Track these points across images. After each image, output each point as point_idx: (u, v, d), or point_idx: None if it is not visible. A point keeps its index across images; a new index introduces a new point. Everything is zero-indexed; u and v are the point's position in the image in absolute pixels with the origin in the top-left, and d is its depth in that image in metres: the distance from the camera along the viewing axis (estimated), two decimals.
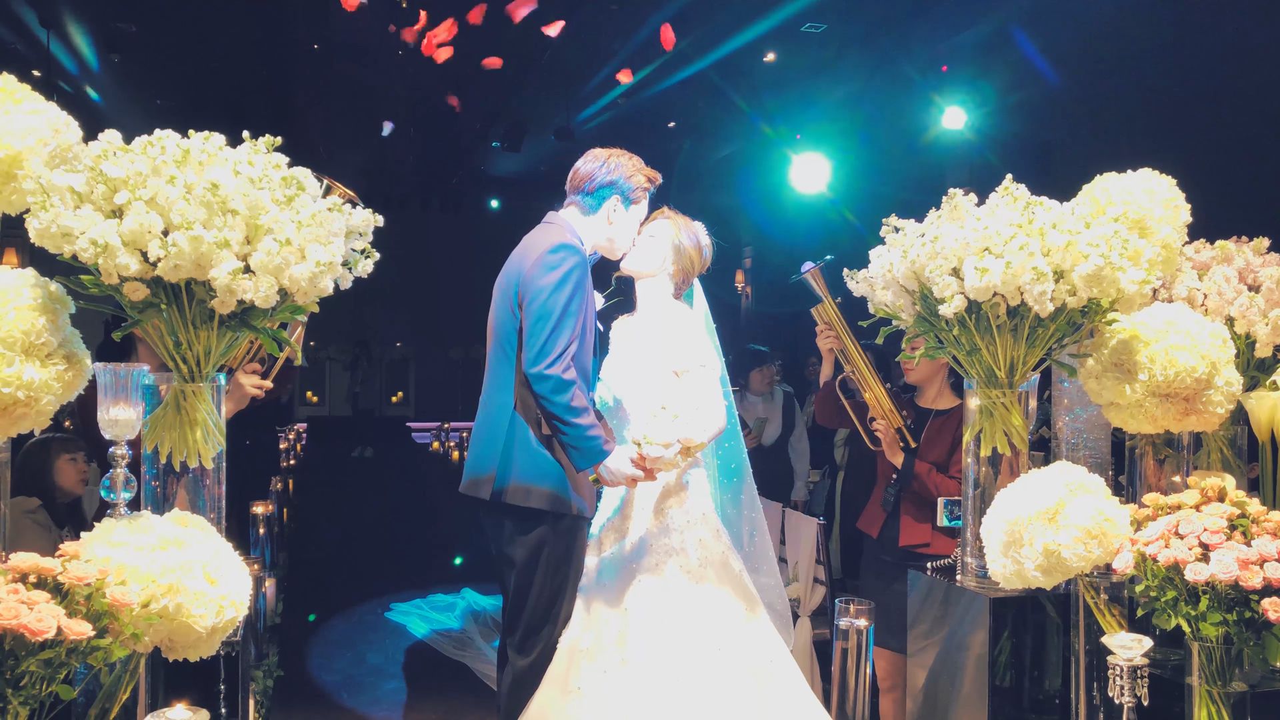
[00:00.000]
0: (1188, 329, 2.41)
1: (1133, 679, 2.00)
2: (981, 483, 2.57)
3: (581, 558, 2.90)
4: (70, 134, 2.06)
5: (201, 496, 2.18)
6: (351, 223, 2.15)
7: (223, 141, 2.07)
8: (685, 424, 2.71)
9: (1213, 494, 2.08)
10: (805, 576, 4.21)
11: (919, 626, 2.77)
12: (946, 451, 3.52)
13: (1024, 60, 6.93)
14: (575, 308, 2.78)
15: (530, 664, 2.82)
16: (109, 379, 1.94)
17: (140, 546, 1.77)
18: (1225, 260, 2.77)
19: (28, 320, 1.83)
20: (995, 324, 2.41)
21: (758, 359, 6.03)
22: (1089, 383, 2.51)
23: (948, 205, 2.48)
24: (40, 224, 1.91)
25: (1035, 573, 2.18)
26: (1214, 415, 2.44)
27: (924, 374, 3.63)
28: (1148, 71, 6.00)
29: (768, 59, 8.70)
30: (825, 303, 3.47)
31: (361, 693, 4.86)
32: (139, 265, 1.94)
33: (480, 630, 5.72)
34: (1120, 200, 2.61)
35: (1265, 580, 1.87)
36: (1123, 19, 5.95)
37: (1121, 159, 2.79)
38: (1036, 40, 6.82)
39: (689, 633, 2.73)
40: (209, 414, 2.12)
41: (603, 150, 3.03)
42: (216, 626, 1.79)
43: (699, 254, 3.06)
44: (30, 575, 1.59)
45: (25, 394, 1.83)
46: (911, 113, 8.18)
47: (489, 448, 2.87)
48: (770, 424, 5.93)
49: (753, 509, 3.08)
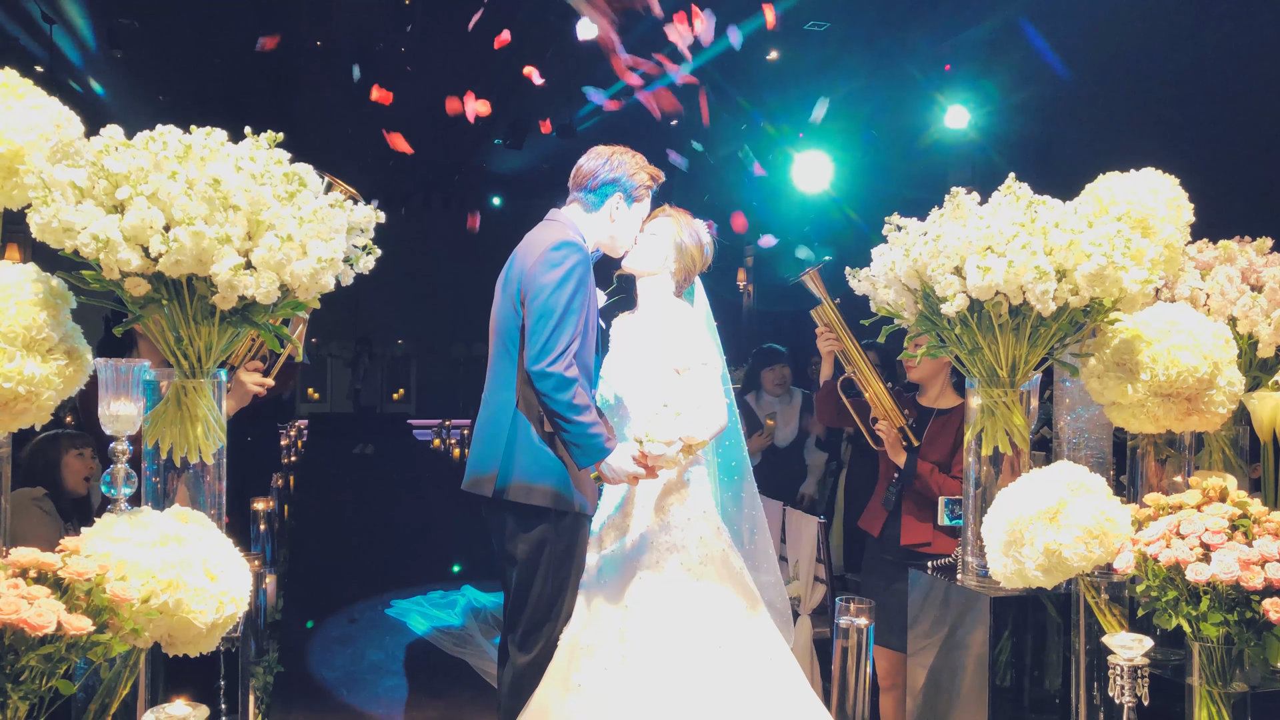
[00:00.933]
0: (1190, 329, 2.40)
1: (1133, 679, 2.00)
2: (983, 482, 2.57)
3: (583, 555, 2.90)
4: (72, 129, 2.06)
5: (202, 492, 2.18)
6: (353, 219, 2.15)
7: (224, 137, 2.06)
8: (687, 422, 2.71)
9: (1214, 494, 2.08)
10: (806, 575, 4.21)
11: (919, 625, 2.77)
12: (949, 451, 3.52)
13: (1030, 58, 6.91)
14: (577, 305, 2.78)
15: (531, 661, 2.82)
16: (110, 374, 1.94)
17: (140, 542, 1.77)
18: (1228, 260, 2.77)
19: (29, 315, 1.83)
20: (997, 323, 2.40)
21: (770, 358, 5.87)
22: (1091, 382, 2.51)
23: (950, 204, 2.48)
24: (42, 219, 1.92)
25: (1036, 572, 2.17)
26: (1216, 415, 2.44)
27: (926, 372, 3.62)
28: (1151, 70, 5.99)
29: (770, 57, 8.69)
30: (824, 304, 3.43)
31: (361, 689, 4.86)
32: (140, 260, 1.94)
33: (481, 627, 5.72)
34: (1123, 199, 2.60)
35: (1266, 581, 1.87)
36: (1125, 18, 5.94)
37: (1125, 158, 2.79)
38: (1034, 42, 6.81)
39: (689, 630, 2.74)
40: (210, 410, 2.12)
41: (605, 148, 3.02)
42: (216, 622, 1.79)
43: (700, 252, 3.06)
44: (30, 570, 1.59)
45: (26, 389, 1.83)
46: (914, 111, 8.17)
47: (491, 445, 2.87)
48: (787, 425, 5.84)
49: (753, 507, 3.08)
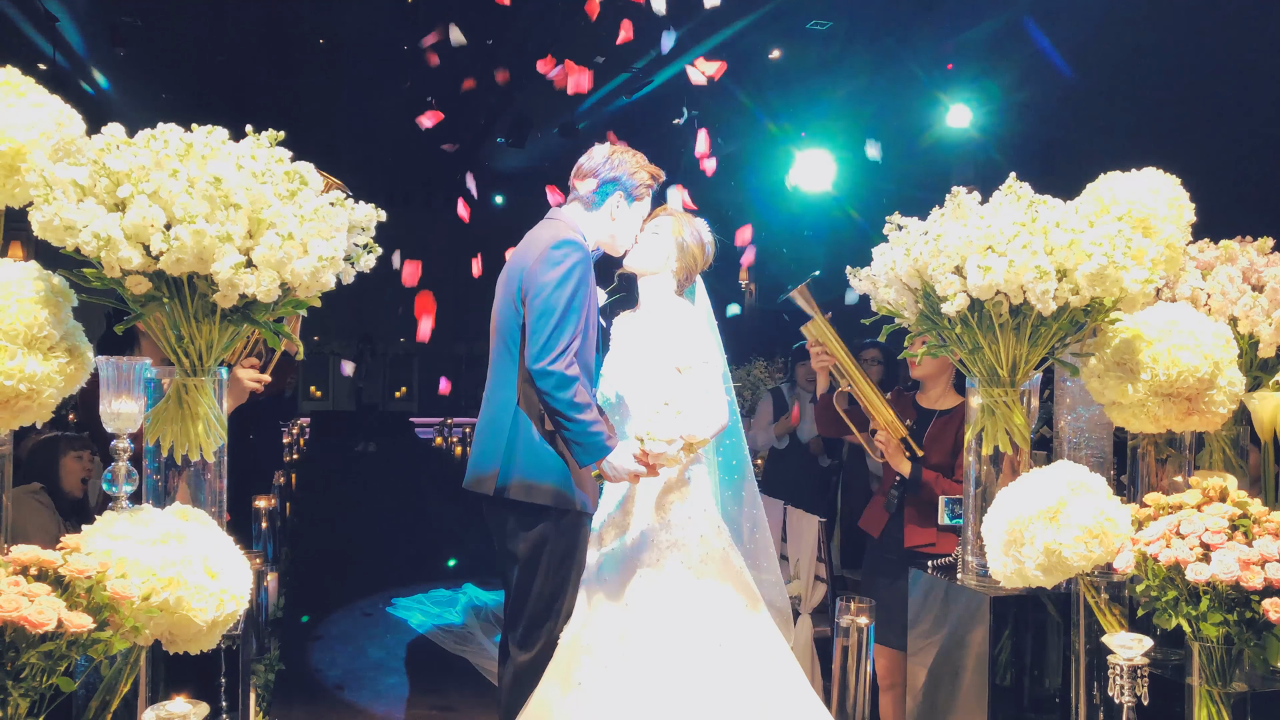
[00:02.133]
0: (1191, 329, 2.40)
1: (1133, 679, 2.00)
2: (983, 481, 2.57)
3: (584, 554, 2.91)
4: (74, 127, 2.07)
5: (203, 490, 2.19)
6: (354, 217, 2.15)
7: (226, 135, 2.07)
8: (688, 420, 2.71)
9: (1214, 494, 2.08)
10: (806, 574, 4.21)
11: (920, 625, 2.77)
12: (949, 452, 3.51)
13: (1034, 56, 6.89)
14: (578, 304, 2.78)
15: (532, 659, 2.82)
16: (111, 372, 1.94)
17: (141, 540, 1.77)
18: (1229, 260, 2.77)
19: (30, 313, 1.84)
20: (998, 323, 2.40)
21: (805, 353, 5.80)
22: (1091, 382, 2.51)
23: (951, 204, 2.48)
24: (43, 217, 1.92)
25: (1036, 572, 2.17)
26: (1216, 415, 2.44)
27: (929, 370, 3.59)
28: (1153, 70, 5.98)
29: (773, 56, 8.68)
30: (816, 320, 3.37)
31: (362, 687, 4.86)
32: (141, 259, 1.94)
33: (481, 625, 5.73)
34: (1124, 199, 2.60)
35: (1266, 581, 1.87)
36: (1128, 18, 5.93)
37: (1126, 158, 2.78)
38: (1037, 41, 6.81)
39: (690, 628, 2.74)
40: (210, 408, 2.13)
41: (606, 146, 3.03)
42: (217, 620, 1.80)
43: (702, 250, 3.06)
44: (31, 568, 1.59)
45: (27, 387, 1.83)
46: (917, 110, 8.16)
47: (492, 444, 2.87)
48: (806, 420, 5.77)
49: (754, 505, 3.09)
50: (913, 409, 3.65)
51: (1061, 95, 6.88)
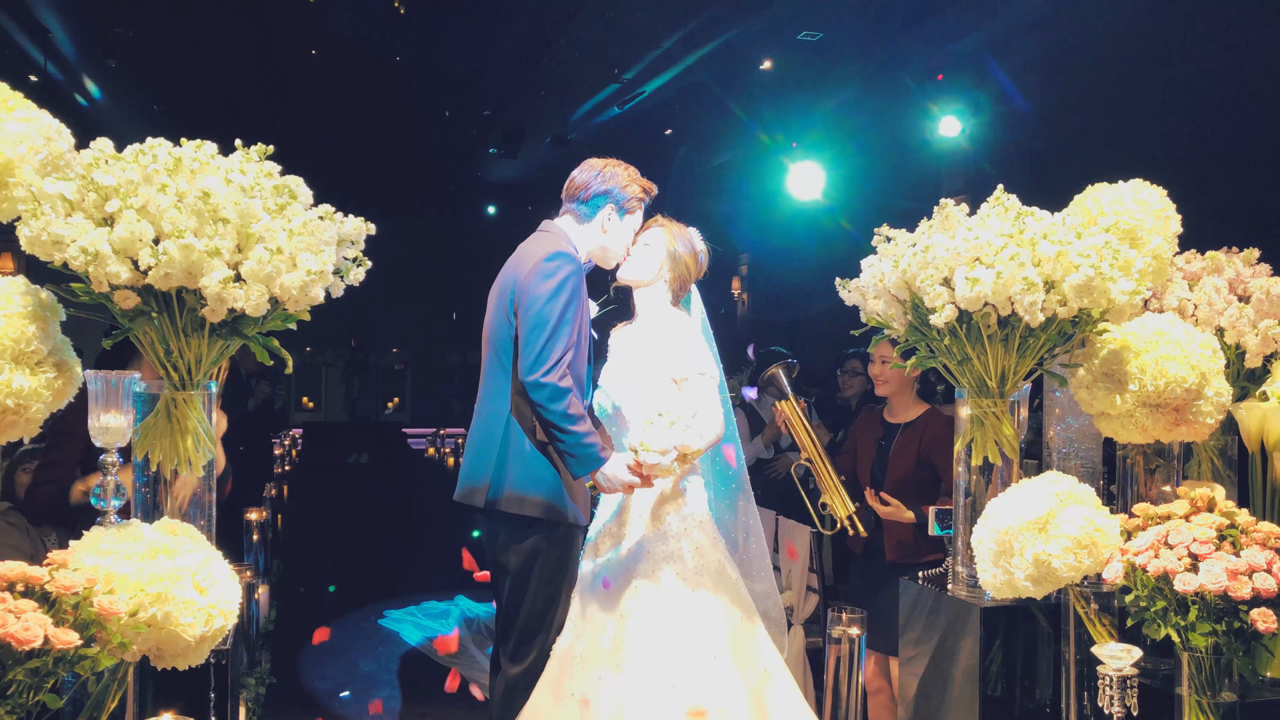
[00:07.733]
0: (1178, 339, 2.41)
1: (1123, 689, 2.01)
2: (972, 491, 2.57)
3: (576, 566, 2.90)
4: (62, 142, 2.06)
5: (192, 504, 2.18)
6: (343, 231, 2.15)
7: (214, 150, 2.07)
8: (683, 431, 2.71)
9: (1202, 504, 2.09)
10: (799, 584, 4.21)
11: (909, 634, 2.77)
12: (913, 463, 3.69)
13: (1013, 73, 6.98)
14: (571, 315, 2.78)
15: (523, 672, 2.82)
16: (100, 387, 1.94)
17: (129, 555, 1.76)
18: (1215, 271, 2.78)
19: (17, 328, 1.84)
20: (986, 334, 2.41)
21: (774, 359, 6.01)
22: (1079, 393, 2.52)
23: (939, 215, 2.49)
24: (31, 232, 1.92)
25: (1026, 582, 2.18)
26: (1204, 425, 2.45)
27: (894, 386, 3.83)
28: (1141, 82, 6.01)
29: (764, 67, 8.72)
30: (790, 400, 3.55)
31: (354, 700, 4.85)
32: (130, 273, 1.94)
33: (474, 637, 5.71)
34: (1111, 210, 2.61)
35: (1254, 590, 1.88)
36: (1116, 30, 5.97)
37: (1114, 169, 2.80)
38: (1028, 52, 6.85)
39: (684, 639, 2.73)
40: (200, 421, 2.12)
41: (598, 160, 3.03)
42: (205, 635, 1.79)
43: (695, 260, 3.06)
44: (18, 584, 1.59)
45: (15, 402, 1.83)
46: (907, 121, 8.19)
47: (484, 455, 2.87)
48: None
49: (749, 515, 3.08)
50: (880, 425, 3.85)
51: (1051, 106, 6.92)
